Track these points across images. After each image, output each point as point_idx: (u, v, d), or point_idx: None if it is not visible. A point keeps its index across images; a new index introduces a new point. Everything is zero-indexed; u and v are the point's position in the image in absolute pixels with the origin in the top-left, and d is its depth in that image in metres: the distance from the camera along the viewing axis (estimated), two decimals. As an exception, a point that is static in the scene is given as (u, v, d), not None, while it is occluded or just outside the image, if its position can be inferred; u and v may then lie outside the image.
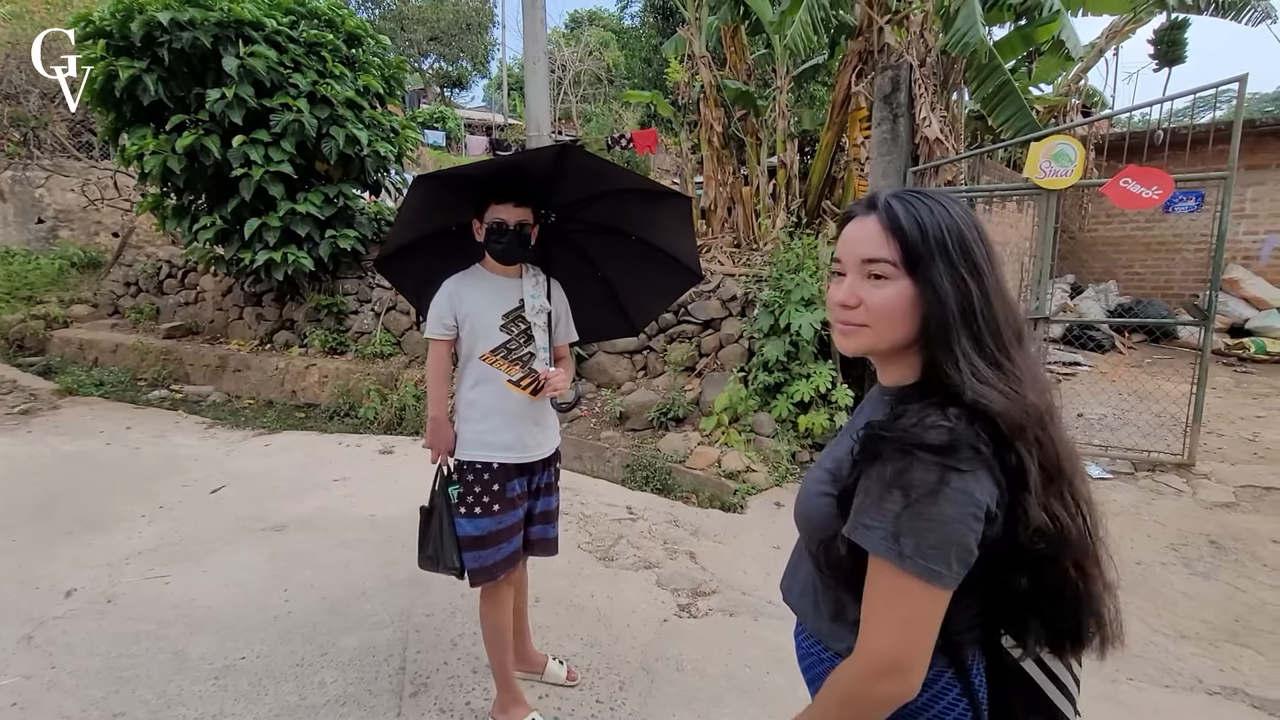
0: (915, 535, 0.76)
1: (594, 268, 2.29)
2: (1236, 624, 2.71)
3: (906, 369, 0.90)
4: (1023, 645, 0.88)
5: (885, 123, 4.92)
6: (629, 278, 2.31)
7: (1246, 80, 3.99)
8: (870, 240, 0.86)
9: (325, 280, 6.57)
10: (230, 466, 4.54)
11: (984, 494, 0.76)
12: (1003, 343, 0.83)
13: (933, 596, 0.78)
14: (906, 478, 0.77)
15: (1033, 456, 0.79)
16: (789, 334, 4.43)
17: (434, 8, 22.44)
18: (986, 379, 0.79)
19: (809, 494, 0.94)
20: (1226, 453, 4.56)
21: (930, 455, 0.76)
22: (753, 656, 2.49)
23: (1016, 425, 0.78)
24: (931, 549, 0.76)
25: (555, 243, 2.15)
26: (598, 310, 2.36)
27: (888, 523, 0.78)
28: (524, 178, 1.91)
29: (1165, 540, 3.41)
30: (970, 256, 0.83)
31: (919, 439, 0.77)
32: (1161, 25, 9.47)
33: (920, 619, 0.79)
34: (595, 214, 2.13)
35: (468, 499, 1.95)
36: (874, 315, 0.86)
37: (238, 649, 2.49)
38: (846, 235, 0.91)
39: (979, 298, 0.82)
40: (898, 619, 0.79)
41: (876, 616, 0.81)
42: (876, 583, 0.81)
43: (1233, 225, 8.22)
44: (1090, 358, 7.32)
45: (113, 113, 5.64)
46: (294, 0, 5.78)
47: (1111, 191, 4.10)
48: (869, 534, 0.79)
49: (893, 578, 0.78)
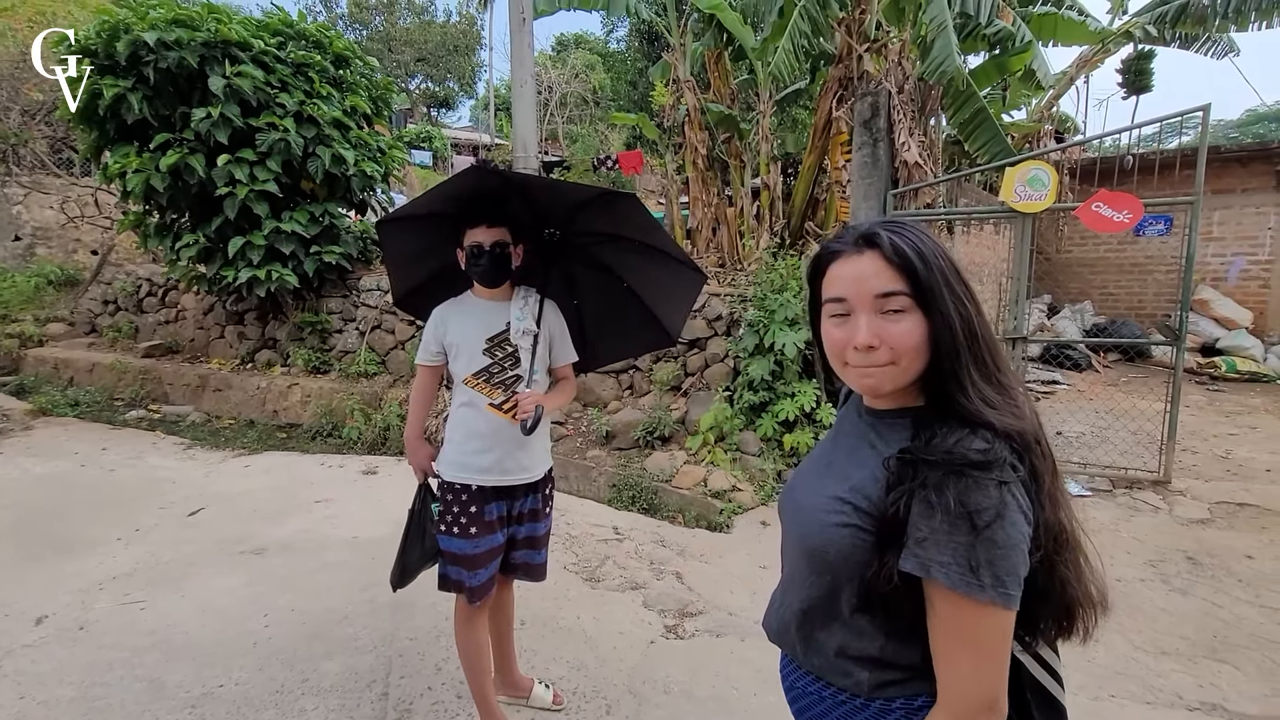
0: (991, 565, 0.75)
1: (616, 277, 2.19)
2: (1214, 640, 2.75)
3: (903, 394, 0.90)
4: (1030, 641, 0.89)
5: (865, 147, 5.03)
6: (651, 284, 2.20)
7: (1210, 109, 4.15)
8: (880, 275, 0.85)
9: (309, 298, 6.53)
10: (209, 488, 4.46)
11: (1028, 507, 0.79)
12: (999, 362, 0.86)
13: (1007, 622, 0.78)
14: (970, 502, 0.76)
15: (1046, 465, 0.82)
16: (773, 353, 4.47)
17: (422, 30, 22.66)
18: (994, 401, 0.82)
19: (822, 525, 0.89)
20: (1201, 469, 4.66)
21: (982, 474, 0.76)
22: (740, 677, 2.48)
23: (1031, 439, 0.81)
24: (1008, 575, 0.76)
25: (570, 260, 2.14)
26: (633, 321, 2.26)
27: (961, 555, 0.76)
28: (490, 199, 1.91)
29: (1144, 557, 3.46)
30: (965, 283, 0.87)
31: (966, 458, 0.77)
32: (1129, 56, 9.83)
33: (1002, 647, 0.79)
34: (590, 223, 2.04)
35: (446, 518, 1.97)
36: (900, 351, 0.84)
37: (215, 676, 2.44)
38: (844, 273, 0.88)
39: (977, 322, 0.85)
40: (987, 654, 0.78)
41: (963, 657, 0.79)
42: (954, 620, 0.78)
43: (1201, 248, 8.50)
44: (1068, 376, 7.46)
45: (95, 131, 5.60)
46: (281, 22, 5.82)
47: (1084, 215, 4.22)
48: (946, 571, 0.76)
49: (973, 612, 0.77)
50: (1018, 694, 0.88)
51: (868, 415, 0.96)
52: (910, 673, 0.85)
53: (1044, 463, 0.82)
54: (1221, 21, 6.79)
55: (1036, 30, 6.38)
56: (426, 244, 2.07)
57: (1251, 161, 8.52)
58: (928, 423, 0.85)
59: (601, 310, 2.26)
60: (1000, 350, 0.87)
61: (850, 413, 1.02)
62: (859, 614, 0.88)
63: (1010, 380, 0.86)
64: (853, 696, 0.91)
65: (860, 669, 0.88)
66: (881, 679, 0.88)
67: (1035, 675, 0.90)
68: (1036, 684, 0.90)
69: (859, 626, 0.89)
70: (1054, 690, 0.91)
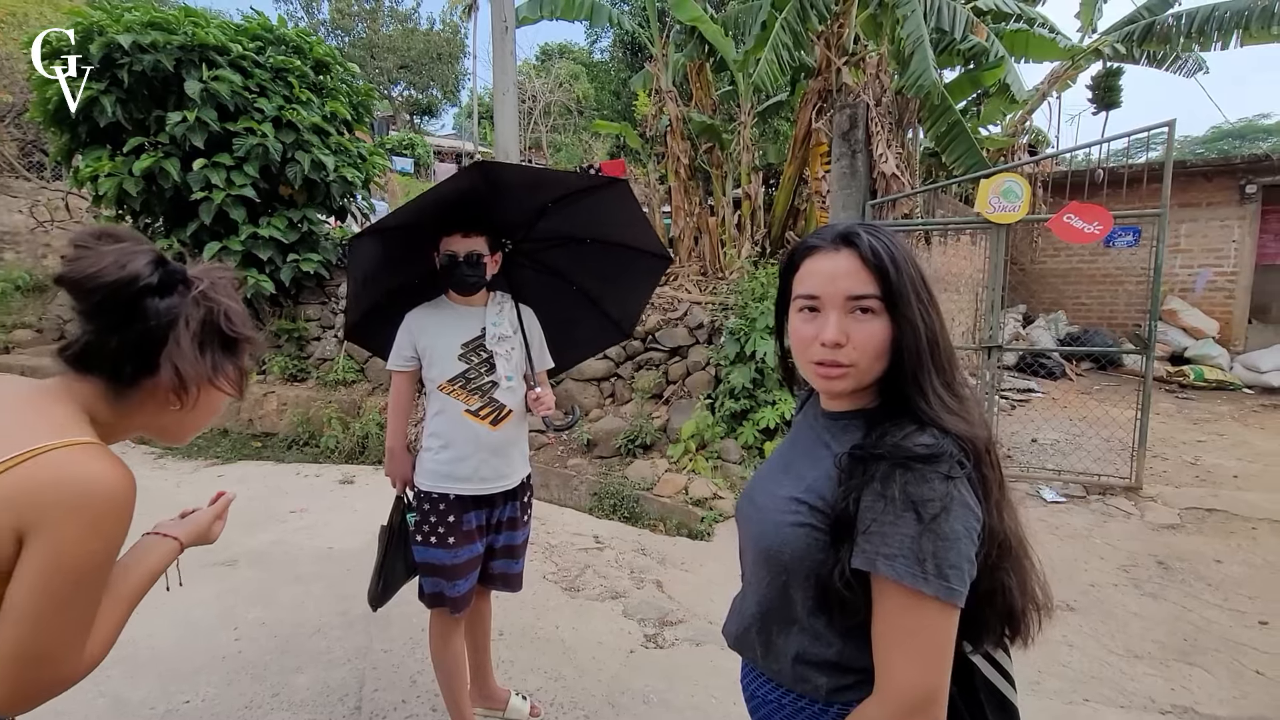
0: (936, 558, 0.75)
1: (566, 281, 2.25)
2: (1185, 643, 2.79)
3: (859, 396, 0.92)
4: (977, 642, 0.90)
5: (844, 158, 5.11)
6: (601, 280, 2.26)
7: (1175, 125, 4.27)
8: (854, 275, 0.86)
9: (286, 305, 6.44)
10: (180, 499, 4.34)
11: (976, 505, 0.79)
12: (955, 372, 0.87)
13: (952, 617, 0.78)
14: (916, 493, 0.77)
15: (995, 476, 0.83)
16: (755, 361, 4.49)
17: (404, 37, 22.60)
18: (951, 407, 0.83)
19: (777, 525, 0.89)
20: (1171, 476, 4.76)
21: (928, 467, 0.77)
22: (719, 686, 2.47)
23: (981, 446, 0.82)
24: (952, 568, 0.76)
25: (520, 267, 2.15)
26: (584, 323, 2.32)
27: (907, 547, 0.76)
28: (465, 207, 1.89)
29: (1116, 562, 3.52)
30: (930, 291, 0.88)
31: (913, 452, 0.78)
32: (1099, 72, 10.10)
33: (943, 644, 0.78)
34: (548, 228, 2.11)
35: (424, 527, 1.93)
36: (862, 352, 0.85)
37: (181, 692, 2.37)
38: (820, 269, 0.89)
39: (939, 330, 0.86)
40: (927, 647, 0.78)
41: (902, 649, 0.78)
42: (897, 613, 0.78)
43: (1169, 259, 8.72)
44: (1042, 384, 7.59)
45: (67, 133, 5.49)
46: (260, 26, 5.77)
47: (1056, 226, 4.31)
48: (892, 564, 0.77)
49: (916, 605, 0.77)
50: (970, 695, 0.89)
51: (824, 417, 0.97)
52: (867, 676, 0.84)
53: (993, 473, 0.84)
54: (1185, 41, 7.02)
55: (1009, 46, 6.54)
56: (395, 255, 2.04)
57: (1216, 176, 8.78)
58: (879, 420, 0.87)
59: (550, 316, 2.23)
60: (956, 361, 0.89)
61: (808, 415, 1.03)
62: (815, 616, 0.88)
63: (964, 391, 0.87)
64: (812, 702, 0.90)
65: (818, 674, 0.88)
66: (839, 683, 0.88)
67: (988, 676, 0.91)
68: (989, 685, 0.91)
69: (815, 630, 0.89)
70: (1006, 691, 0.92)
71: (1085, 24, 8.39)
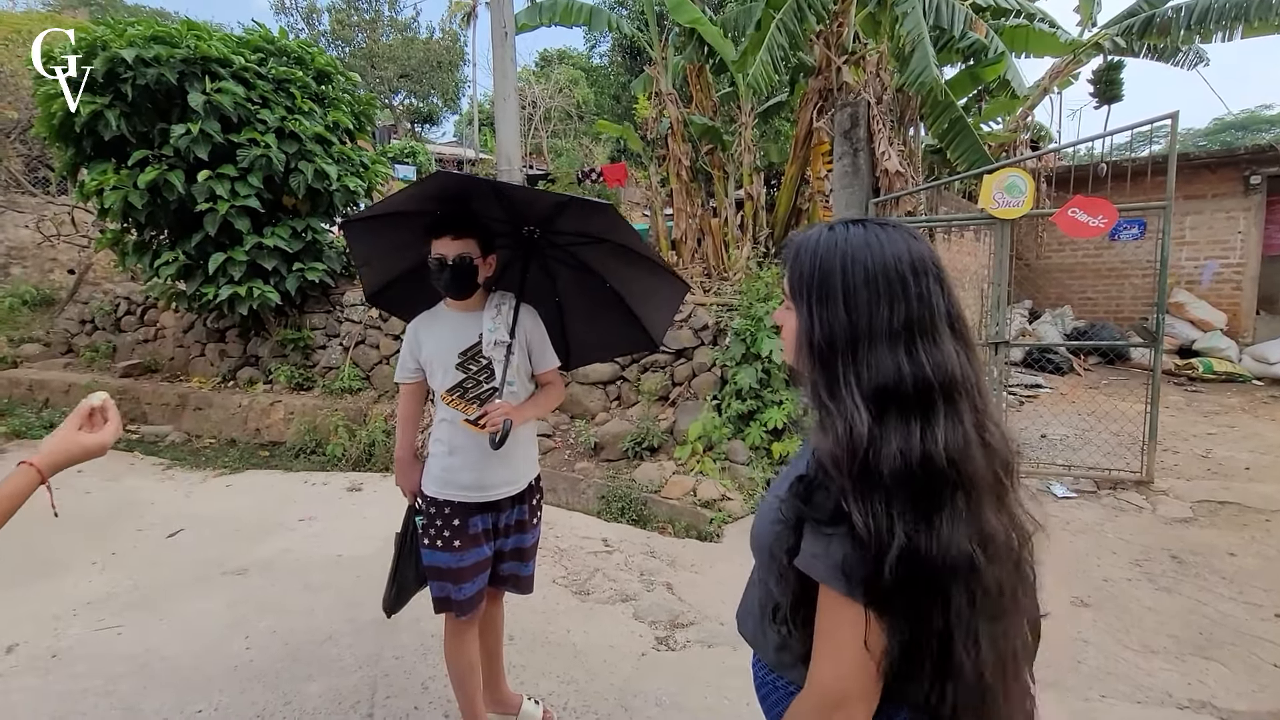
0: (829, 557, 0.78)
1: (599, 278, 2.14)
2: (1201, 637, 2.77)
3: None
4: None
5: (846, 156, 5.10)
6: (633, 285, 2.15)
7: (1178, 117, 4.25)
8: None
9: (292, 315, 6.46)
10: (189, 509, 4.36)
11: (797, 528, 0.84)
12: (851, 370, 0.81)
13: (870, 623, 0.77)
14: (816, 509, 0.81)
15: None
16: (761, 361, 4.48)
17: (404, 46, 22.69)
18: (821, 418, 0.83)
19: (767, 522, 0.92)
20: (1182, 469, 4.72)
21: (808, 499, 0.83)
22: (732, 688, 2.46)
23: (829, 463, 0.80)
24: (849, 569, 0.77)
25: (553, 259, 2.12)
26: (617, 324, 2.23)
27: (820, 547, 0.79)
28: (458, 207, 1.87)
29: (1129, 556, 3.49)
30: (828, 293, 0.84)
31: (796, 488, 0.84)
32: (1100, 66, 10.06)
33: (847, 643, 0.78)
34: (572, 224, 2.00)
35: (430, 531, 1.93)
36: (785, 347, 0.94)
37: (194, 702, 2.37)
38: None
39: (836, 329, 0.83)
40: (842, 650, 0.79)
41: (822, 648, 0.81)
42: (823, 613, 0.81)
43: (1174, 252, 8.67)
44: (1050, 380, 7.56)
45: (72, 148, 5.53)
46: (262, 38, 5.81)
47: (1061, 220, 4.29)
48: (815, 563, 0.80)
49: (836, 605, 0.78)
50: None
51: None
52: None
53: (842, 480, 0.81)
54: (1185, 33, 6.98)
55: (1009, 42, 6.52)
56: (395, 243, 2.04)
57: (1220, 168, 8.73)
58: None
59: (583, 308, 2.22)
60: (867, 360, 0.81)
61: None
62: (793, 610, 0.89)
63: (843, 394, 0.81)
64: (799, 689, 0.91)
65: (798, 667, 0.89)
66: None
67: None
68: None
69: (796, 625, 0.90)
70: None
71: (1085, 18, 8.37)
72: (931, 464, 0.76)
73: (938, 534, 0.75)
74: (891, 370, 0.80)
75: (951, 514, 0.76)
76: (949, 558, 0.75)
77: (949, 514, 0.76)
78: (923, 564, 0.75)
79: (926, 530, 0.75)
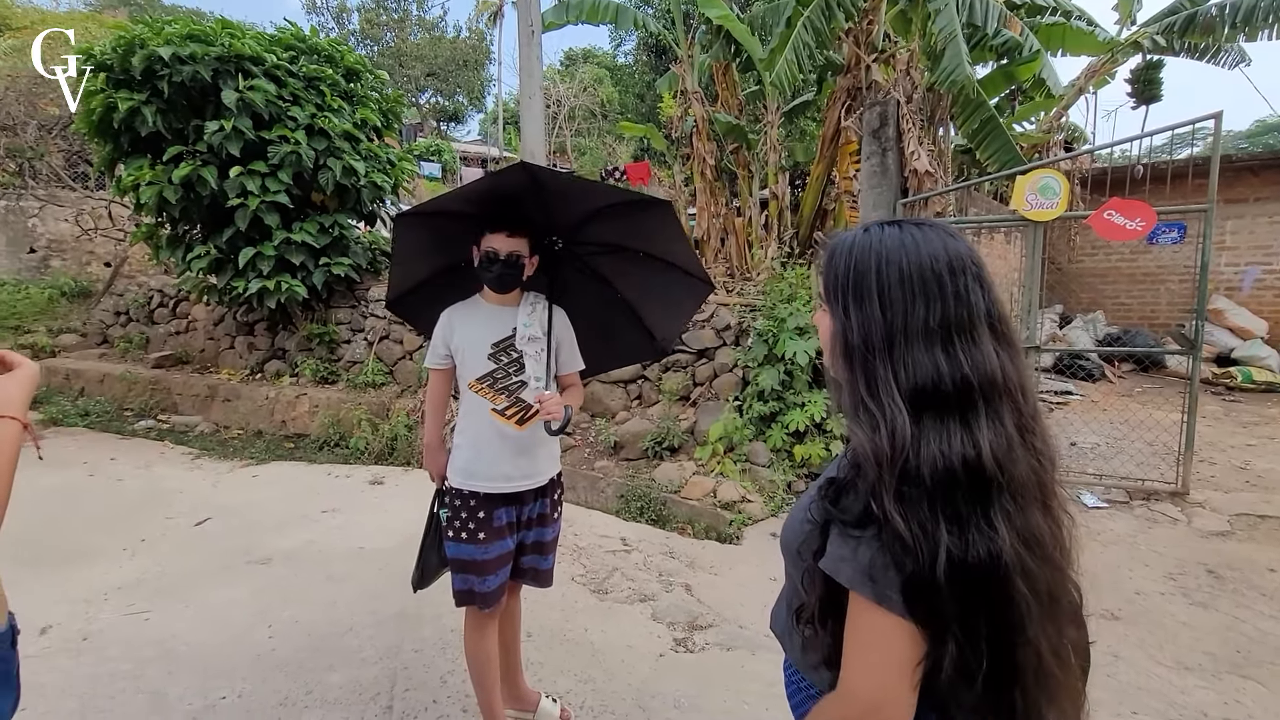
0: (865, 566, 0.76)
1: (613, 289, 2.22)
2: (1238, 655, 2.67)
3: None
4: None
5: (874, 156, 5.02)
6: (646, 294, 2.23)
7: (1222, 117, 4.11)
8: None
9: (318, 309, 6.56)
10: (216, 498, 4.45)
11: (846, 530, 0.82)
12: (890, 371, 0.80)
13: (902, 630, 0.76)
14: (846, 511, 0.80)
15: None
16: (784, 363, 4.44)
17: (432, 45, 22.95)
18: (859, 416, 0.81)
19: (798, 523, 0.92)
20: (1220, 481, 4.57)
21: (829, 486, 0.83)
22: (751, 692, 2.43)
23: (882, 457, 0.77)
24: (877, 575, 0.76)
25: (568, 268, 2.14)
26: (624, 334, 2.30)
27: (861, 556, 0.77)
28: (515, 206, 1.91)
29: (1163, 569, 3.38)
30: (863, 293, 0.83)
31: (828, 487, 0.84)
32: (1137, 66, 9.80)
33: (884, 650, 0.77)
34: (597, 233, 2.08)
35: (455, 523, 1.95)
36: (822, 343, 0.94)
37: (218, 688, 2.41)
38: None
39: (872, 331, 0.82)
40: (875, 657, 0.77)
41: (853, 655, 0.79)
42: (853, 619, 0.79)
43: (1214, 257, 8.35)
44: (1081, 387, 7.37)
45: (110, 144, 5.68)
46: (294, 36, 5.90)
47: (1096, 223, 4.18)
48: (841, 566, 0.78)
49: (864, 610, 0.77)
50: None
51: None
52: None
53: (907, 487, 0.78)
54: (1230, 31, 6.76)
55: (1045, 40, 6.37)
56: (438, 241, 2.07)
57: (1264, 170, 8.46)
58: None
59: (591, 320, 2.23)
60: (904, 363, 0.79)
61: None
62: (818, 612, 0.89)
63: (884, 397, 0.79)
64: (822, 693, 0.91)
65: (825, 668, 0.87)
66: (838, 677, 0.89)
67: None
68: None
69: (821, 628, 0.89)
70: None
71: (1124, 16, 8.16)
72: (972, 465, 0.75)
73: (980, 537, 0.73)
74: (929, 370, 0.78)
75: (994, 517, 0.74)
76: (993, 561, 0.73)
77: (991, 517, 0.74)
78: (967, 568, 0.72)
79: (969, 533, 0.73)
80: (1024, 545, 0.74)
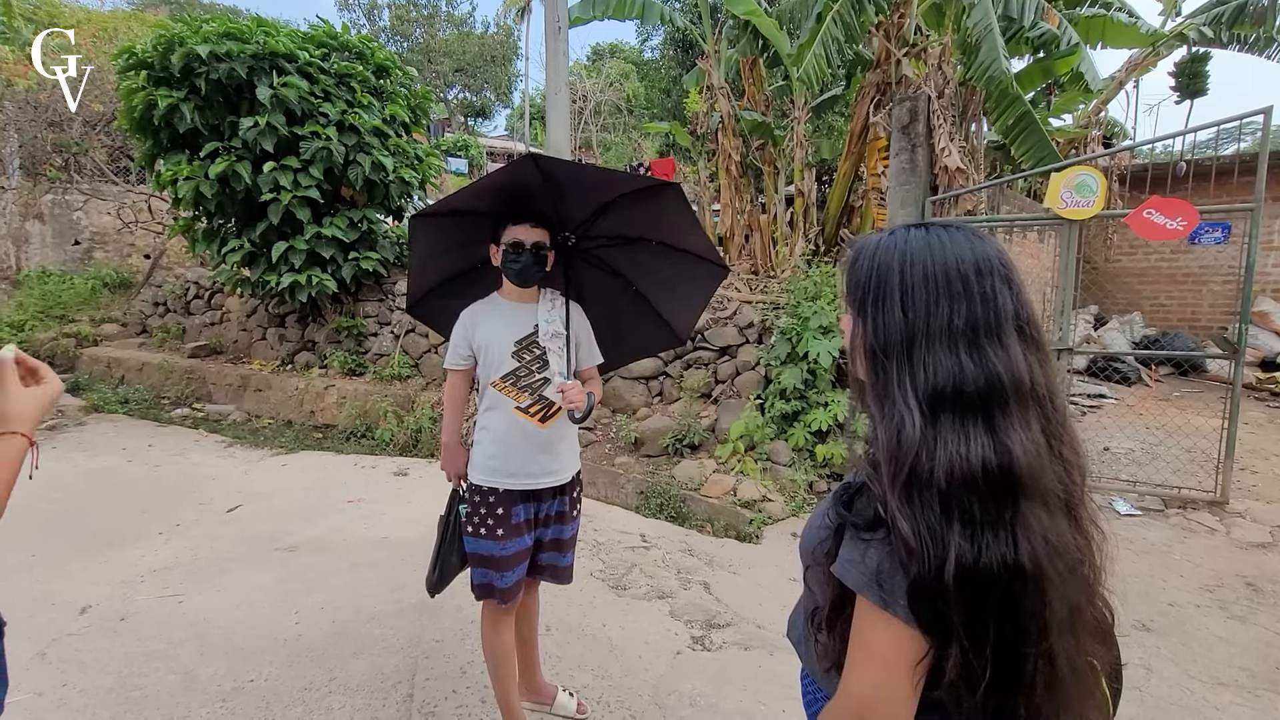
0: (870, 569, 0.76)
1: (626, 281, 2.23)
2: (1277, 671, 2.58)
3: None
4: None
5: (903, 153, 4.93)
6: (660, 284, 2.23)
7: (1271, 112, 3.95)
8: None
9: (347, 302, 6.68)
10: (247, 486, 4.57)
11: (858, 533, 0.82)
12: (905, 375, 0.79)
13: (905, 634, 0.74)
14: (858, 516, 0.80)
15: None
16: (806, 362, 4.39)
17: (460, 41, 23.12)
18: (876, 418, 0.81)
19: (815, 529, 0.91)
20: (1261, 490, 4.41)
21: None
22: (768, 693, 2.42)
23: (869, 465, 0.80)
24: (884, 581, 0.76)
25: (581, 263, 2.15)
26: (641, 325, 2.31)
27: (869, 560, 0.76)
28: (529, 200, 1.91)
29: (1199, 581, 3.28)
30: (885, 294, 0.81)
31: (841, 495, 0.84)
32: (1182, 58, 9.45)
33: (884, 656, 0.76)
34: (608, 226, 2.09)
35: (474, 519, 1.97)
36: (847, 347, 0.92)
37: (247, 671, 2.48)
38: None
39: (891, 333, 0.80)
40: (875, 659, 0.76)
41: (854, 656, 0.79)
42: (857, 621, 0.79)
43: (1261, 257, 8.09)
44: (1116, 390, 7.16)
45: (150, 140, 5.85)
46: (326, 34, 6.00)
47: (1135, 222, 4.05)
48: (849, 569, 0.78)
49: (869, 614, 0.76)
50: None
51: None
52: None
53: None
54: (1283, 21, 6.50)
55: (1084, 33, 6.18)
56: (455, 240, 2.08)
57: (1316, 168, 8.09)
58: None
59: (605, 314, 2.23)
60: (923, 365, 0.77)
61: None
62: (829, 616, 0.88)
63: (904, 402, 0.77)
64: (829, 697, 0.90)
65: (835, 673, 0.86)
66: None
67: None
68: None
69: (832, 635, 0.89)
70: None
71: (1168, 7, 7.88)
72: (992, 470, 0.72)
73: (996, 543, 0.71)
74: (950, 371, 0.76)
75: (1014, 524, 0.72)
76: (1007, 569, 0.71)
77: (1011, 524, 0.72)
78: (977, 574, 0.70)
79: (983, 539, 0.71)
80: (1046, 555, 0.72)
